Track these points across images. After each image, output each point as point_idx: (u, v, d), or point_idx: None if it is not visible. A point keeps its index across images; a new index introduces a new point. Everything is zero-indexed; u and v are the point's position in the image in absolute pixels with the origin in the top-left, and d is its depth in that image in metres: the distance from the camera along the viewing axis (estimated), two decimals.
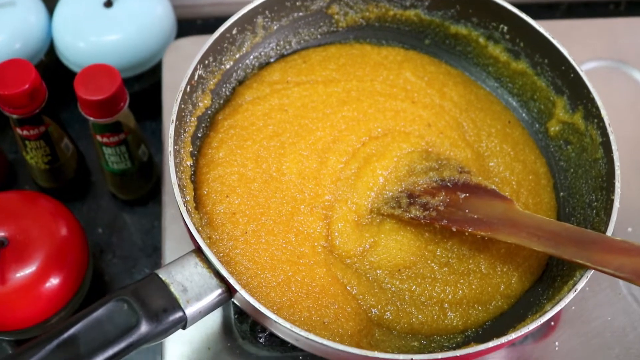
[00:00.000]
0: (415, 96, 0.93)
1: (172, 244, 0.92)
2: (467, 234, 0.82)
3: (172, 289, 0.71)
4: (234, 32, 0.89)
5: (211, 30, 0.87)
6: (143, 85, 1.12)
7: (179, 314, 0.70)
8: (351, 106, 0.91)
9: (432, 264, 0.84)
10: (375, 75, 0.94)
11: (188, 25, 1.23)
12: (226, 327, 0.87)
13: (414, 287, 0.82)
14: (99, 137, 0.94)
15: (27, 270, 0.87)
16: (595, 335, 0.90)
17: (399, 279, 0.82)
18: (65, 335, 0.66)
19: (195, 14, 1.26)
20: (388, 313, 0.81)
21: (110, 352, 0.67)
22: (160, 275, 0.72)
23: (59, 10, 1.08)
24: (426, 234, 0.84)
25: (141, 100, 1.07)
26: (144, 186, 1.07)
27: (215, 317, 0.87)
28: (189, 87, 0.83)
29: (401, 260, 0.83)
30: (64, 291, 0.90)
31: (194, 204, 0.82)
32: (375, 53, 0.97)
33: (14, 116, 0.91)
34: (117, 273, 1.04)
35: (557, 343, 0.89)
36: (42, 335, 0.67)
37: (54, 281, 0.89)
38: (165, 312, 0.70)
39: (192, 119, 0.86)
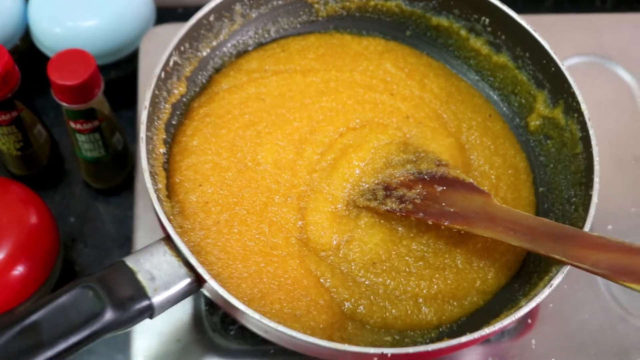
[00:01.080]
0: (395, 88, 0.93)
1: (144, 234, 0.92)
2: (443, 227, 0.82)
3: (140, 277, 0.71)
4: (212, 18, 0.88)
5: None
6: (120, 73, 1.12)
7: (145, 303, 0.70)
8: (329, 97, 0.91)
9: (407, 258, 0.83)
10: (354, 66, 0.94)
11: (169, 14, 1.22)
12: (196, 319, 0.87)
13: (389, 281, 0.82)
14: (72, 124, 0.94)
15: None
16: (573, 334, 0.90)
17: (374, 272, 0.82)
18: (28, 321, 0.66)
19: (176, 1, 1.25)
20: (361, 307, 0.80)
21: (74, 339, 0.66)
22: (128, 263, 0.71)
23: None
24: (402, 228, 0.84)
25: (118, 88, 1.07)
26: (118, 175, 1.07)
27: (185, 308, 0.87)
28: (163, 73, 0.82)
29: (376, 253, 0.83)
30: (31, 280, 0.89)
31: (166, 192, 0.82)
32: (355, 43, 0.96)
33: None
34: (88, 263, 1.03)
35: (534, 341, 0.89)
36: (3, 321, 0.66)
37: (21, 269, 0.88)
38: (131, 300, 0.69)
39: (167, 105, 0.86)
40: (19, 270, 0.87)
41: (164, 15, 1.17)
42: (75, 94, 0.88)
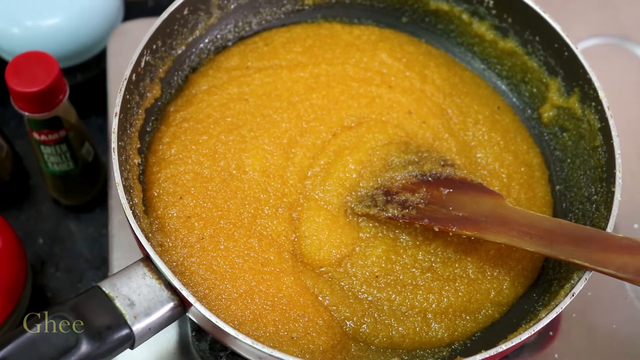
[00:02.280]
0: (393, 80, 0.94)
1: (121, 254, 0.92)
2: (451, 234, 0.83)
3: (117, 303, 0.71)
4: (185, 12, 0.89)
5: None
6: (87, 76, 1.12)
7: (125, 332, 0.70)
8: (320, 93, 0.91)
9: (414, 270, 0.84)
10: (346, 58, 0.95)
11: (138, 7, 1.23)
12: (182, 346, 0.87)
13: (394, 295, 0.82)
14: (36, 135, 0.94)
15: None
16: (599, 346, 0.91)
17: (377, 287, 0.83)
18: None
19: None
20: (365, 326, 0.81)
21: None
22: (104, 288, 0.72)
23: None
24: (406, 236, 0.85)
25: (85, 93, 1.08)
26: (89, 190, 1.07)
27: (170, 335, 0.87)
28: (134, 75, 0.83)
29: (379, 266, 0.83)
30: None
31: (143, 207, 0.82)
32: (346, 33, 0.97)
33: None
34: (60, 288, 1.04)
35: (556, 355, 0.90)
36: None
37: None
38: (109, 329, 0.70)
39: (140, 111, 0.86)
40: None
41: (133, 9, 1.18)
42: (37, 102, 0.89)
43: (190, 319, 0.85)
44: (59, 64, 0.89)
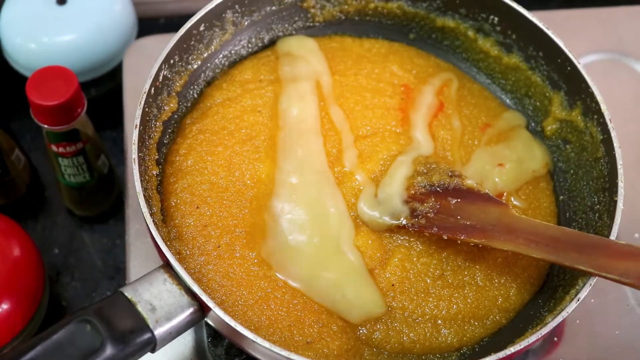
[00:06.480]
0: (404, 91, 0.96)
1: (138, 263, 0.94)
2: (459, 242, 0.84)
3: (140, 307, 0.73)
4: (202, 28, 0.91)
5: (175, 29, 0.89)
6: (101, 91, 1.14)
7: (147, 335, 0.72)
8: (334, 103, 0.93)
9: (426, 278, 0.85)
10: (358, 69, 0.96)
11: (150, 24, 1.25)
12: (199, 351, 0.88)
13: (406, 303, 0.84)
14: (54, 147, 0.96)
15: None
16: (602, 351, 0.92)
17: (391, 296, 0.84)
18: None
19: (157, 11, 1.28)
20: (377, 332, 0.82)
21: None
22: (126, 294, 0.73)
23: (7, 8, 1.10)
24: (420, 245, 0.86)
25: (99, 107, 1.09)
26: (104, 201, 1.09)
27: (186, 340, 0.89)
28: (153, 89, 0.84)
29: (395, 275, 0.85)
30: (17, 318, 0.90)
31: (161, 217, 0.84)
32: (357, 46, 0.99)
33: None
34: (76, 297, 1.05)
35: None
36: None
37: (5, 307, 0.89)
38: (132, 333, 0.71)
39: (158, 123, 0.88)
40: (3, 308, 0.89)
41: (145, 26, 1.20)
42: (57, 115, 0.90)
43: (206, 325, 0.87)
44: None
